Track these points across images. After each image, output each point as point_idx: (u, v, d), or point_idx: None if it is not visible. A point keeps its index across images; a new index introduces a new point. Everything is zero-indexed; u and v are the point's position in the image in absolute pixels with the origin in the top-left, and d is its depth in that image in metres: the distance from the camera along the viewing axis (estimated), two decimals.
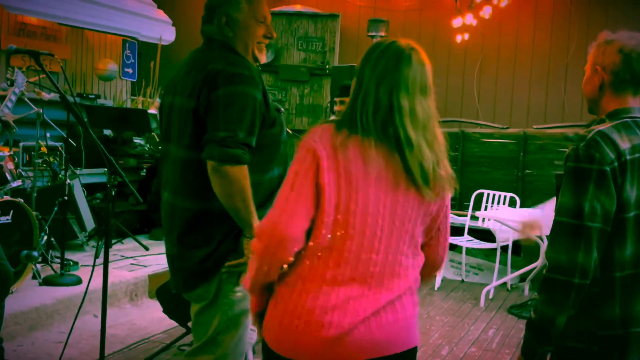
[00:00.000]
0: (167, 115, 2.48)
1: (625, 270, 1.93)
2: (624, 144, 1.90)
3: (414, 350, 1.85)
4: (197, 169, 2.31)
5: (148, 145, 6.66)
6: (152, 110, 6.43)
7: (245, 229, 2.31)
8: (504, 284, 6.40)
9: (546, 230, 5.24)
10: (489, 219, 6.45)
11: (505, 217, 5.88)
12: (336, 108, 5.20)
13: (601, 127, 1.94)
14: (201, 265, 2.37)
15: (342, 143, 1.73)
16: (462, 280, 6.74)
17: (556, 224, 1.90)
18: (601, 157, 1.86)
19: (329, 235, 1.74)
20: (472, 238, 6.67)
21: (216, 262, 2.35)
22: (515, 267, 6.45)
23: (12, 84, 4.40)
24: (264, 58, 2.49)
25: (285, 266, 1.80)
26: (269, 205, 1.88)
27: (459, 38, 7.74)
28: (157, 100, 6.80)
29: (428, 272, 1.92)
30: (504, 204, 6.74)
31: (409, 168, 1.73)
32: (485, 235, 6.65)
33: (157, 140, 6.49)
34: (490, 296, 6.08)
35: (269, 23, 2.48)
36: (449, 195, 1.84)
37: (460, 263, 6.79)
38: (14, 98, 4.38)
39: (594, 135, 1.90)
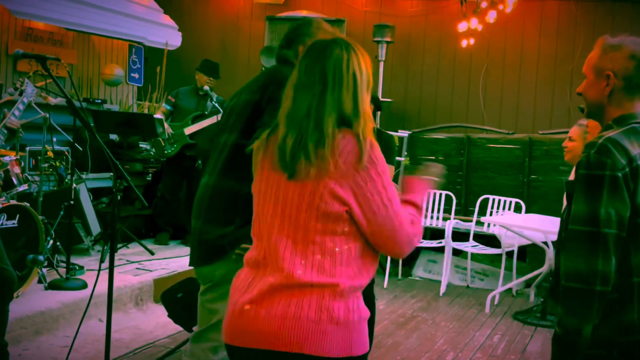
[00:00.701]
0: (227, 114, 2.69)
1: None
2: (634, 150, 1.90)
3: None
4: (239, 152, 2.47)
5: (154, 150, 6.67)
6: (158, 115, 6.43)
7: None
8: (510, 289, 6.39)
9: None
10: (494, 225, 6.44)
11: (510, 222, 5.87)
12: None
13: (610, 133, 1.93)
14: (217, 242, 2.50)
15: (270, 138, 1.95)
16: (468, 286, 6.73)
17: (571, 233, 1.88)
18: (613, 163, 1.85)
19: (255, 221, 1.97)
20: (477, 243, 6.66)
21: (231, 243, 2.45)
22: (520, 273, 6.43)
23: (21, 93, 4.40)
24: None
25: None
26: None
27: (464, 43, 7.73)
28: (163, 105, 6.80)
29: (385, 251, 1.86)
30: (509, 209, 6.73)
31: (276, 154, 1.86)
32: (491, 240, 6.64)
33: (163, 145, 6.50)
34: (496, 302, 6.06)
35: None
36: (362, 174, 1.78)
37: (465, 269, 6.77)
38: (22, 107, 4.38)
39: (604, 141, 1.89)
